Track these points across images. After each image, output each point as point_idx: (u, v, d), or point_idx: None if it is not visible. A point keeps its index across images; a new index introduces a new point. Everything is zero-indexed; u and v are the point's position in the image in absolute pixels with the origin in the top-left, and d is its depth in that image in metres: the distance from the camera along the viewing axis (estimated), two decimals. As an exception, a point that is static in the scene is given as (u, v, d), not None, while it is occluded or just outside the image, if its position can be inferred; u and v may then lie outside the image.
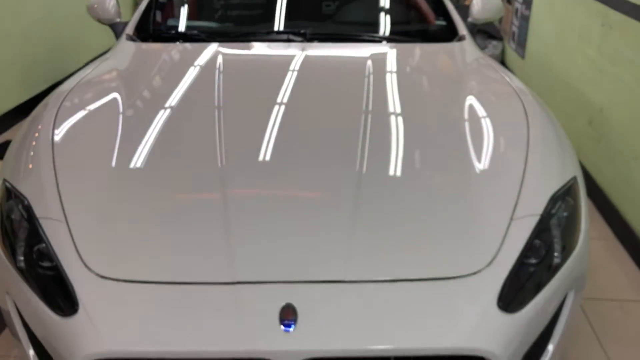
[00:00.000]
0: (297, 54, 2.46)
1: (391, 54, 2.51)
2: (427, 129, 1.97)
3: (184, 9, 2.96)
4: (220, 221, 1.58)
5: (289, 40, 2.59)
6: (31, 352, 1.59)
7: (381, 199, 1.66)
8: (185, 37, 2.66)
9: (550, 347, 1.60)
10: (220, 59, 2.39)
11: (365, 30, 2.73)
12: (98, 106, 2.08)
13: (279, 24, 2.73)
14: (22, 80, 4.36)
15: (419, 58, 2.54)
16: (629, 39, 2.85)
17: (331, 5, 2.91)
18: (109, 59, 2.49)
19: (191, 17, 2.92)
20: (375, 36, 2.67)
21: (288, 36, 2.60)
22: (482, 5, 2.82)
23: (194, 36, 2.65)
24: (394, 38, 2.65)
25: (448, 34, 2.71)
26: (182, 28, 2.80)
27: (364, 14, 2.92)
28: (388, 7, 2.91)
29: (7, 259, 1.57)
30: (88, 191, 1.68)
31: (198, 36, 2.64)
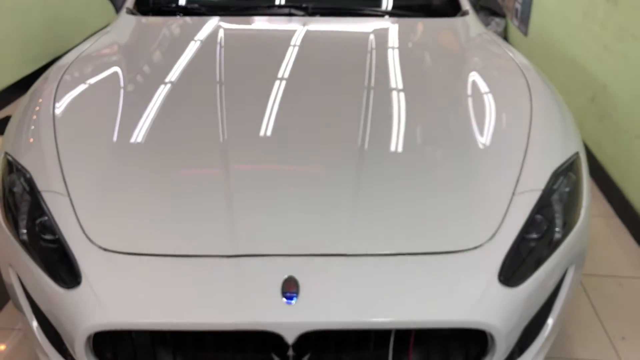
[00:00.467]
0: (299, 29, 2.43)
1: (394, 29, 2.48)
2: (430, 105, 1.96)
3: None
4: (222, 195, 1.58)
5: (291, 14, 2.57)
6: (34, 324, 1.60)
7: (383, 174, 1.66)
8: (185, 11, 2.63)
9: (550, 322, 1.62)
10: (221, 34, 2.37)
11: (367, 4, 2.69)
12: (98, 80, 2.07)
13: None
14: (22, 55, 4.33)
15: (422, 33, 2.52)
16: (634, 15, 2.82)
17: None
18: (109, 33, 2.47)
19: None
20: (377, 11, 2.64)
21: (290, 10, 2.58)
22: (485, -20, 2.79)
23: (195, 10, 2.63)
24: (397, 13, 2.62)
25: (451, 9, 2.68)
26: (183, 2, 2.77)
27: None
28: None
29: (10, 232, 1.57)
30: (90, 164, 1.68)
31: (199, 10, 2.62)
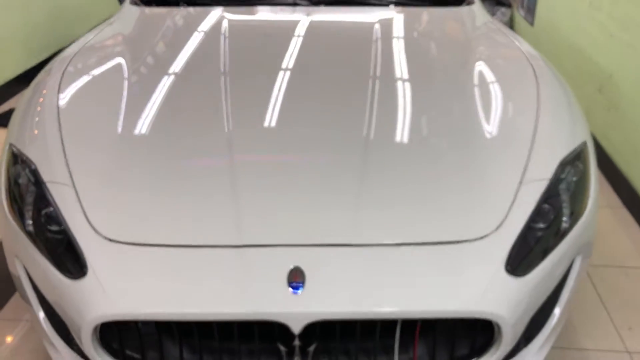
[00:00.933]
0: (304, 18, 2.42)
1: (399, 18, 2.46)
2: (436, 94, 1.95)
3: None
4: (227, 185, 1.57)
5: (295, 4, 2.55)
6: (41, 315, 1.61)
7: (389, 164, 1.65)
8: (189, 1, 2.62)
9: (556, 311, 1.61)
10: (225, 24, 2.36)
11: None
12: (102, 71, 2.06)
13: None
14: (25, 48, 4.32)
15: (428, 22, 2.50)
16: (641, 4, 2.80)
17: None
18: (113, 24, 2.46)
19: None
20: (383, 0, 2.62)
21: (294, 0, 2.56)
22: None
23: (198, 0, 2.61)
24: (402, 2, 2.60)
25: (457, -2, 2.66)
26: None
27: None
28: None
29: (16, 223, 1.57)
30: (94, 155, 1.68)
31: (202, 0, 2.60)
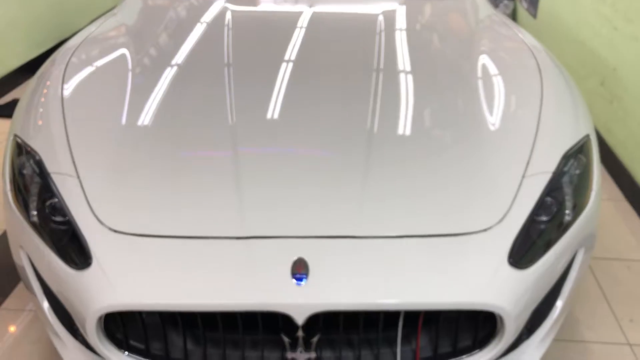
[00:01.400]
0: (307, 10, 2.41)
1: (403, 10, 2.46)
2: (440, 87, 1.95)
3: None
4: (232, 176, 1.58)
5: None
6: (45, 305, 1.62)
7: (392, 156, 1.65)
8: None
9: (558, 304, 1.62)
10: (229, 15, 2.35)
11: None
12: (106, 62, 2.06)
13: None
14: (28, 38, 4.31)
15: (431, 14, 2.49)
16: (646, -4, 2.79)
17: None
18: (116, 15, 2.46)
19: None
20: None
21: None
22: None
23: None
24: None
25: (460, -10, 2.65)
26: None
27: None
28: None
29: (21, 214, 1.58)
30: (99, 146, 1.68)
31: None
